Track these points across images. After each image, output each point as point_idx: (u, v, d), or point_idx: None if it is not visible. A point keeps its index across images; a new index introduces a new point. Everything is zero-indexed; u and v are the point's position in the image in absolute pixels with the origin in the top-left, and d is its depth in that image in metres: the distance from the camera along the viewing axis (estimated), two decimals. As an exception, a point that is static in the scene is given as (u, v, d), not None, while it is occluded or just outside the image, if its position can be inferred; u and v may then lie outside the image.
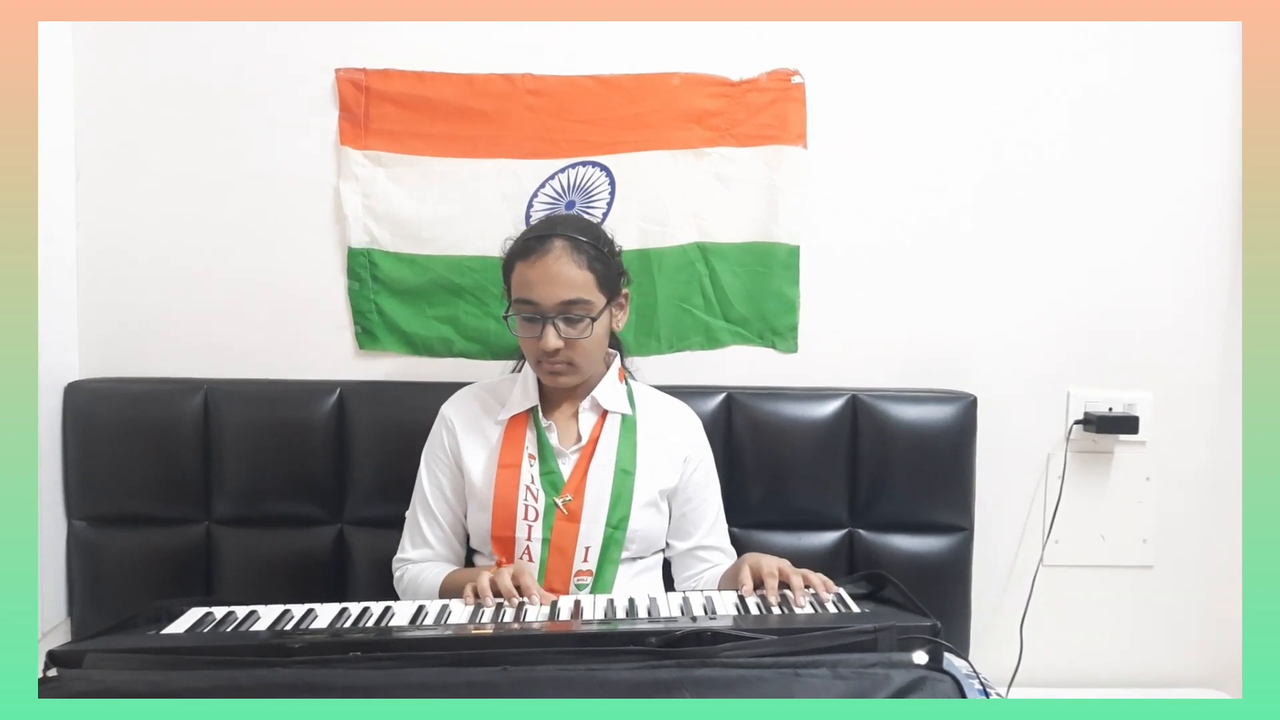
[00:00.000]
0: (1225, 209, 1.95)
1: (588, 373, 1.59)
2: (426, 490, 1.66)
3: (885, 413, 1.87)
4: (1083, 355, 1.98)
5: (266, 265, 1.94)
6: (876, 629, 1.18)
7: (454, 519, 1.66)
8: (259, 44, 1.89)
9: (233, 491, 1.87)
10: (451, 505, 1.65)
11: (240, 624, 1.35)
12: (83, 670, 1.15)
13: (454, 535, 1.67)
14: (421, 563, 1.65)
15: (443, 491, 1.65)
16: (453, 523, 1.66)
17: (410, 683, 1.10)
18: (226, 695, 1.08)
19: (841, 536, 1.89)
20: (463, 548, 1.68)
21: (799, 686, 1.09)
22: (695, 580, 1.66)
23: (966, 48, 1.92)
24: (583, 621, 1.32)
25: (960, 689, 1.12)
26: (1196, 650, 2.03)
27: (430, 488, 1.65)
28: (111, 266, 1.93)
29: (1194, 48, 1.92)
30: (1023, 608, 1.95)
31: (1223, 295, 1.97)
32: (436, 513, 1.65)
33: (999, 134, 1.93)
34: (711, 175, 1.92)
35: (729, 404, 1.88)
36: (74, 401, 1.88)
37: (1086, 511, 1.99)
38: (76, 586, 1.89)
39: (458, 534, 1.67)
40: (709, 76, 1.90)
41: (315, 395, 1.88)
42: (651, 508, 1.60)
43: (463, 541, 1.68)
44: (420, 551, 1.65)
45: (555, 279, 1.50)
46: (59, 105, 1.87)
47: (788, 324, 1.96)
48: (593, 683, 1.09)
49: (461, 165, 1.91)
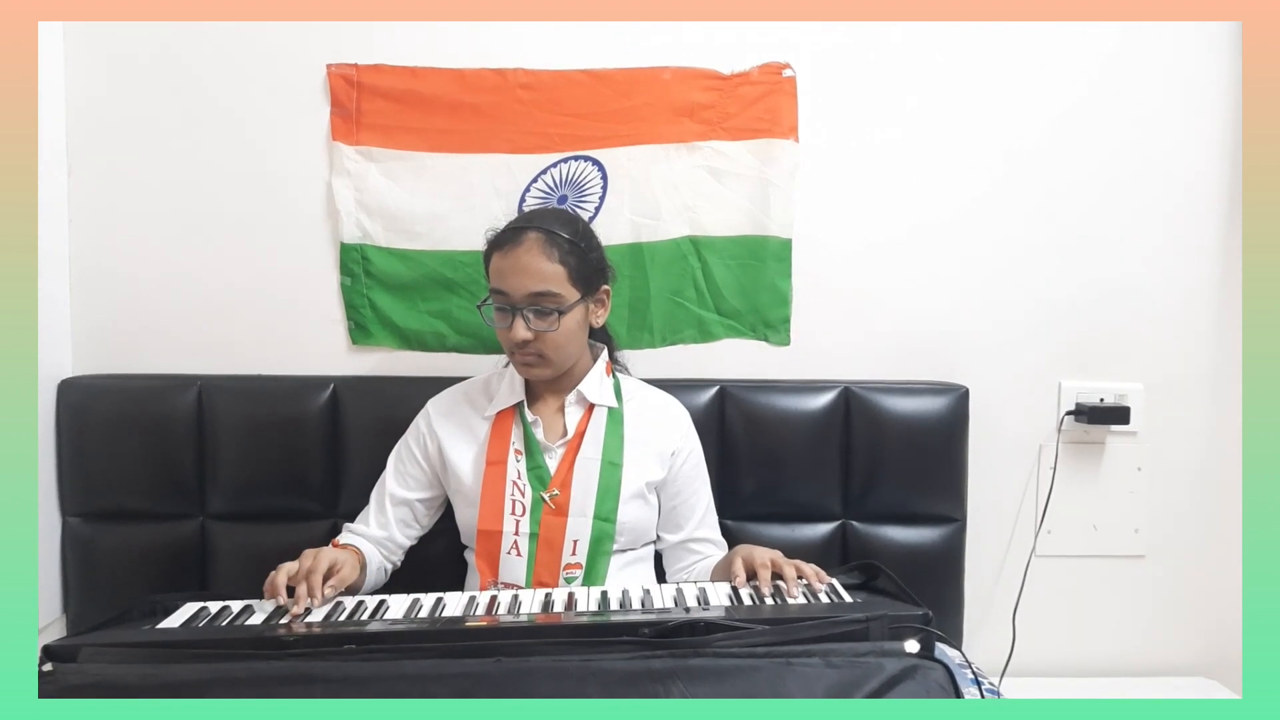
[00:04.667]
0: (1216, 201, 1.96)
1: (560, 366, 1.59)
2: (388, 478, 1.68)
3: (878, 405, 1.88)
4: (1074, 347, 1.98)
5: (259, 261, 1.94)
6: (869, 618, 1.19)
7: (407, 513, 1.68)
8: (250, 40, 1.89)
9: (227, 487, 1.87)
10: (408, 501, 1.67)
11: (235, 618, 1.35)
12: (78, 664, 1.16)
13: (397, 522, 1.67)
14: (345, 533, 1.68)
15: (404, 481, 1.67)
16: (403, 516, 1.67)
17: (405, 674, 1.11)
18: (222, 688, 1.09)
19: (835, 528, 1.89)
20: (405, 539, 1.69)
21: (792, 676, 1.10)
22: (687, 572, 1.67)
23: (960, 43, 1.92)
24: (576, 613, 1.33)
25: (952, 677, 1.13)
26: (1188, 639, 2.04)
27: (393, 476, 1.68)
28: (104, 263, 1.93)
29: (1184, 44, 1.92)
30: (1015, 598, 1.96)
31: (1214, 286, 1.98)
32: (387, 502, 1.67)
33: (990, 127, 1.94)
34: (703, 168, 1.92)
35: (722, 397, 1.89)
36: (67, 398, 1.87)
37: (1078, 502, 2.00)
38: (71, 582, 1.89)
39: (404, 521, 1.68)
40: (700, 70, 1.90)
41: (309, 390, 1.88)
42: (639, 500, 1.61)
43: (407, 534, 1.68)
44: (359, 526, 1.68)
45: (525, 270, 1.51)
46: (50, 101, 1.86)
47: (780, 317, 1.96)
48: (586, 673, 1.10)
49: (454, 160, 1.91)
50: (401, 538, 1.68)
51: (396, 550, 1.68)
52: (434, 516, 1.73)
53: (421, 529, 1.71)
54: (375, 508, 1.68)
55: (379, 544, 1.66)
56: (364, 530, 1.66)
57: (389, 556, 1.67)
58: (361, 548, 1.61)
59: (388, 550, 1.67)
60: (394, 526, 1.67)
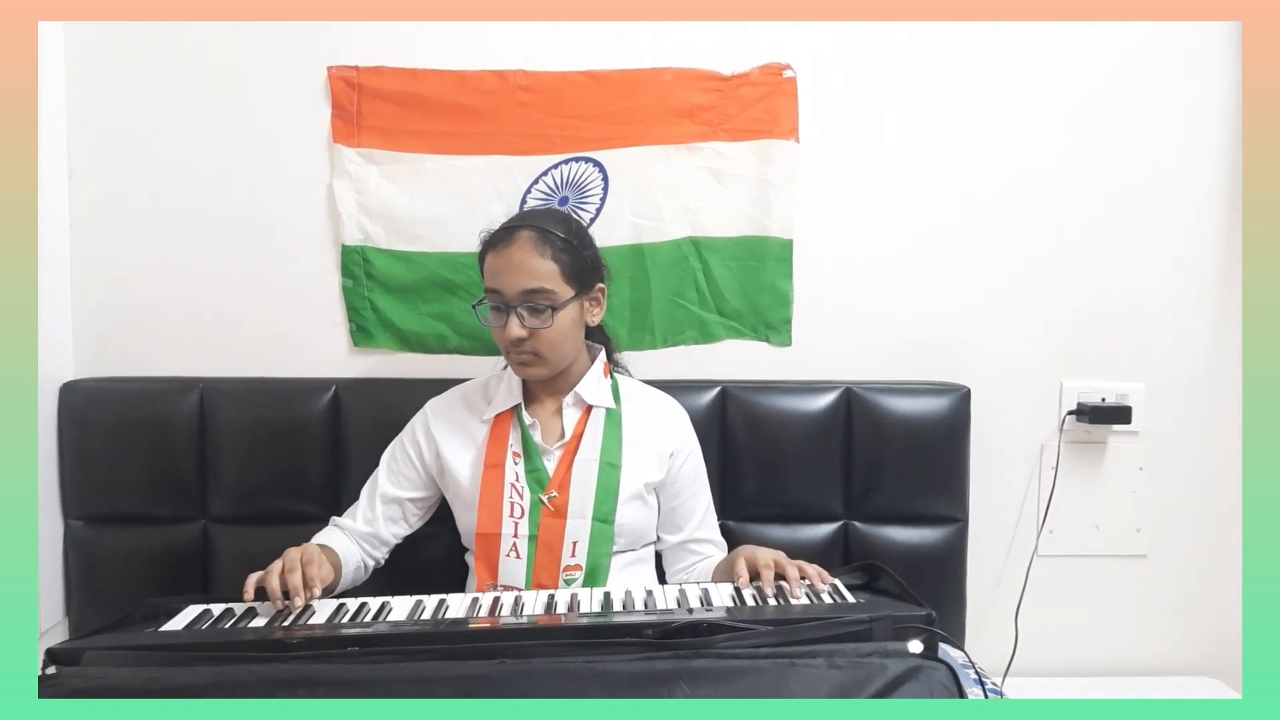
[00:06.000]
0: (1216, 200, 1.95)
1: (556, 365, 1.59)
2: (380, 475, 1.68)
3: (879, 405, 1.88)
4: (1075, 346, 1.98)
5: (261, 263, 1.94)
6: (872, 619, 1.19)
7: (396, 511, 1.67)
8: (251, 43, 1.89)
9: (228, 489, 1.87)
10: (398, 499, 1.67)
11: (238, 620, 1.35)
12: (81, 668, 1.16)
13: (385, 520, 1.66)
14: (331, 526, 1.68)
15: (396, 480, 1.67)
16: (391, 514, 1.67)
17: (407, 677, 1.11)
18: (224, 691, 1.09)
19: (837, 529, 1.89)
20: (391, 537, 1.68)
21: (795, 677, 1.10)
22: (687, 573, 1.67)
23: (960, 44, 1.92)
24: (579, 614, 1.33)
25: (955, 677, 1.13)
26: (1190, 638, 2.04)
27: (385, 474, 1.68)
28: (105, 266, 1.93)
29: (1184, 44, 1.92)
30: (1018, 598, 1.96)
31: (1214, 285, 1.98)
32: (378, 499, 1.67)
33: (992, 127, 1.94)
34: (704, 169, 1.92)
35: (723, 398, 1.89)
36: (69, 401, 1.87)
37: (1080, 502, 2.00)
38: (74, 585, 1.89)
39: (392, 519, 1.67)
40: (700, 71, 1.90)
41: (310, 393, 1.89)
42: (638, 501, 1.61)
43: (393, 532, 1.68)
44: (345, 520, 1.67)
45: (518, 268, 1.52)
46: (52, 105, 1.86)
47: (781, 317, 1.96)
48: (589, 675, 1.10)
49: (454, 162, 1.91)
50: (387, 535, 1.68)
51: (380, 547, 1.68)
52: (423, 517, 1.72)
53: (409, 528, 1.71)
54: (365, 503, 1.68)
55: (363, 539, 1.66)
56: (349, 525, 1.66)
57: (371, 553, 1.67)
58: (342, 544, 1.61)
59: (371, 546, 1.67)
60: (381, 523, 1.66)
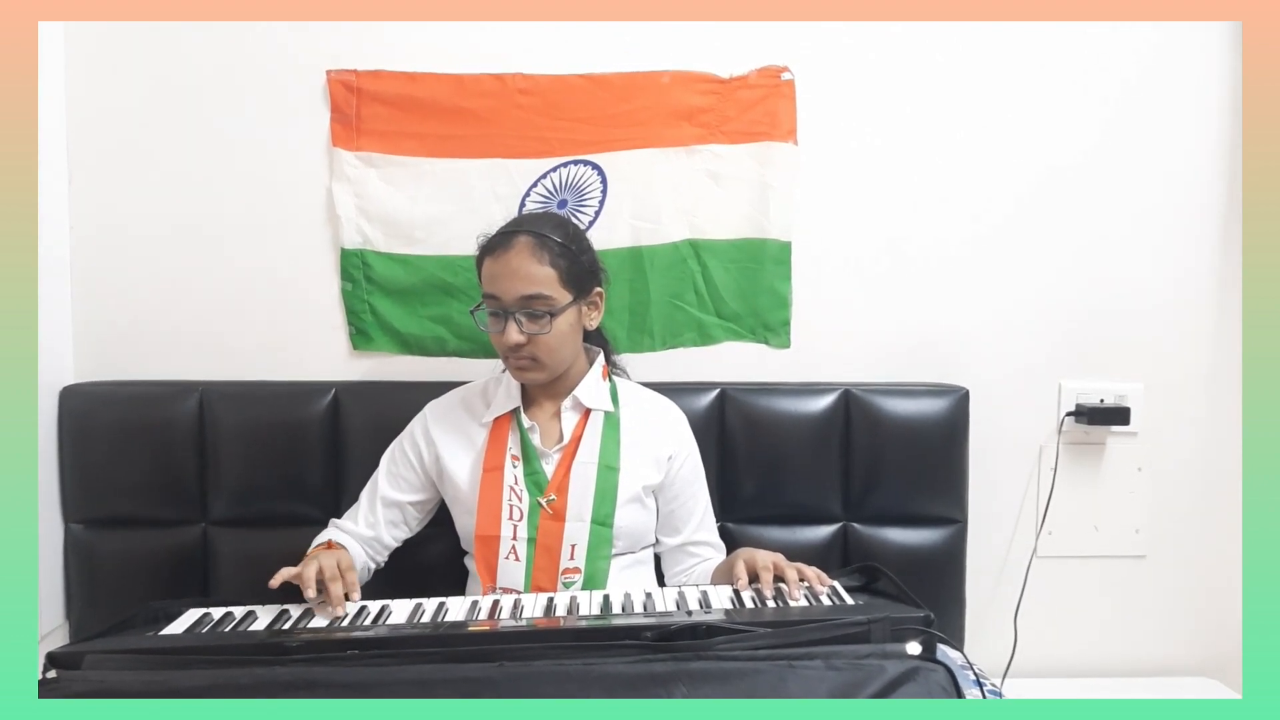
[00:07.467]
0: (1215, 201, 1.96)
1: (555, 369, 1.59)
2: (380, 478, 1.68)
3: (878, 407, 1.88)
4: (1074, 347, 1.99)
5: (260, 267, 1.94)
6: (870, 620, 1.19)
7: (396, 514, 1.68)
8: (250, 45, 1.89)
9: (228, 492, 1.88)
10: (398, 503, 1.67)
11: (238, 624, 1.36)
12: (82, 671, 1.16)
13: (386, 523, 1.67)
14: (331, 528, 1.68)
15: (396, 483, 1.67)
16: (392, 517, 1.67)
17: (408, 679, 1.11)
18: (225, 694, 1.09)
19: (836, 530, 1.89)
20: (392, 540, 1.69)
21: (794, 678, 1.10)
22: (686, 575, 1.67)
23: (959, 44, 1.92)
24: (578, 617, 1.33)
25: (953, 679, 1.13)
26: (1190, 639, 2.04)
27: (385, 477, 1.68)
28: (105, 270, 1.93)
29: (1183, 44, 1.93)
30: (1017, 599, 1.96)
31: (1213, 286, 1.98)
32: (378, 503, 1.67)
33: (989, 128, 1.94)
34: (702, 172, 1.93)
35: (722, 400, 1.89)
36: (69, 405, 1.88)
37: (1079, 503, 2.00)
38: (74, 589, 1.89)
39: (393, 522, 1.68)
40: (699, 74, 1.91)
41: (310, 396, 1.89)
42: (636, 503, 1.61)
43: (394, 535, 1.69)
44: (346, 523, 1.68)
45: (516, 273, 1.52)
46: (52, 107, 1.86)
47: (780, 319, 1.96)
48: (589, 677, 1.10)
49: (453, 165, 1.91)
50: (389, 538, 1.68)
51: (382, 550, 1.69)
52: (423, 520, 1.73)
53: (409, 531, 1.71)
54: (365, 506, 1.68)
55: (365, 543, 1.66)
56: (351, 528, 1.67)
57: (373, 556, 1.68)
58: (348, 547, 1.62)
59: (373, 550, 1.67)
60: (382, 527, 1.67)
